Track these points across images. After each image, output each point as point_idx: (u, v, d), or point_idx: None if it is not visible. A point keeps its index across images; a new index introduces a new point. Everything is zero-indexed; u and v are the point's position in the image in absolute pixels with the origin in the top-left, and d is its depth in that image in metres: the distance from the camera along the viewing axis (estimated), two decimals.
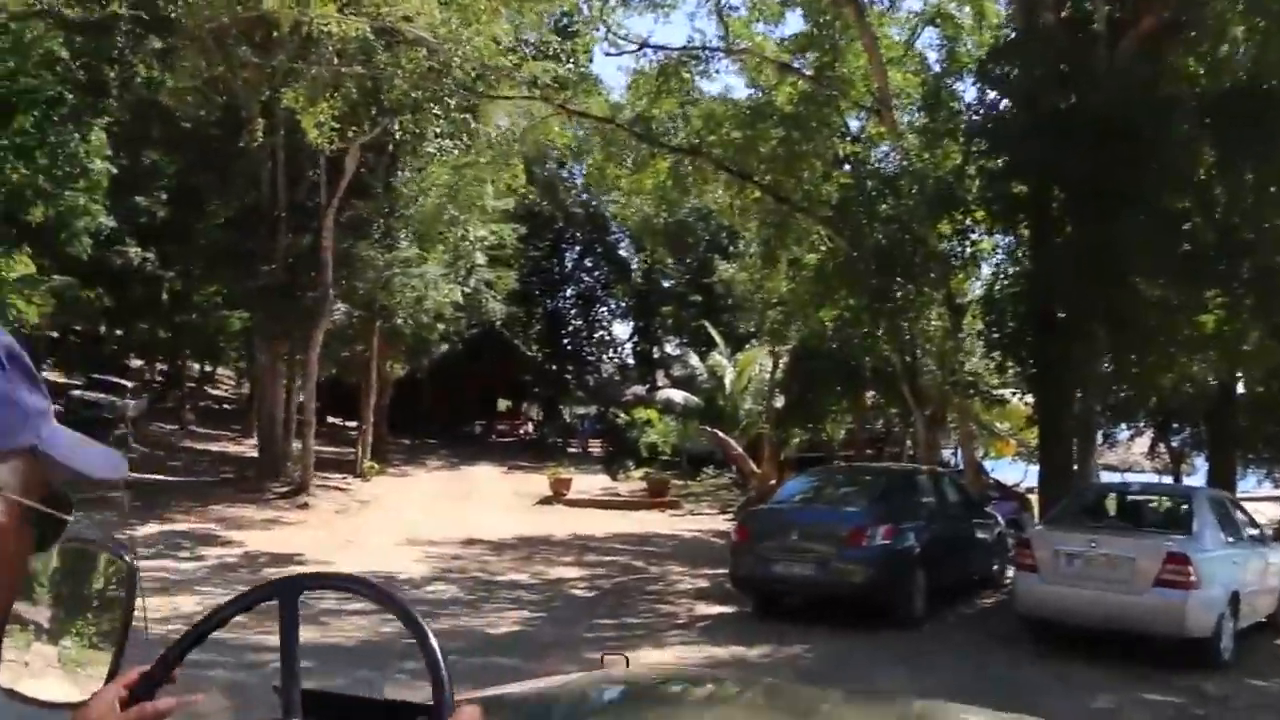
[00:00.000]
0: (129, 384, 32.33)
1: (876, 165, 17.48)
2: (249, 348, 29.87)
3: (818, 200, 17.70)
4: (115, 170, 22.96)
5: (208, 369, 46.95)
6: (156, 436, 30.63)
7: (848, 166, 18.32)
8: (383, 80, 16.53)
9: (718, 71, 37.69)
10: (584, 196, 46.57)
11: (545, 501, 24.84)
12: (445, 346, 49.36)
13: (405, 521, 19.14)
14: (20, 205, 21.56)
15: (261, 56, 17.30)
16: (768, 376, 30.07)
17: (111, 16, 18.49)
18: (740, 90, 24.72)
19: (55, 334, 48.44)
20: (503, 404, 56.86)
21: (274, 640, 1.19)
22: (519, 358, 50.17)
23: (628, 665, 2.33)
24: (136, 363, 44.43)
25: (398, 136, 19.56)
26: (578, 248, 48.35)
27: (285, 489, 20.92)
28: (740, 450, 25.23)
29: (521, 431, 48.33)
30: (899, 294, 15.71)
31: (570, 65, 19.64)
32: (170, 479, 22.36)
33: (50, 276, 24.76)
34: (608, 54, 20.93)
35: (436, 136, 20.51)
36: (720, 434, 25.70)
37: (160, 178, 26.88)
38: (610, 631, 10.76)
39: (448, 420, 48.04)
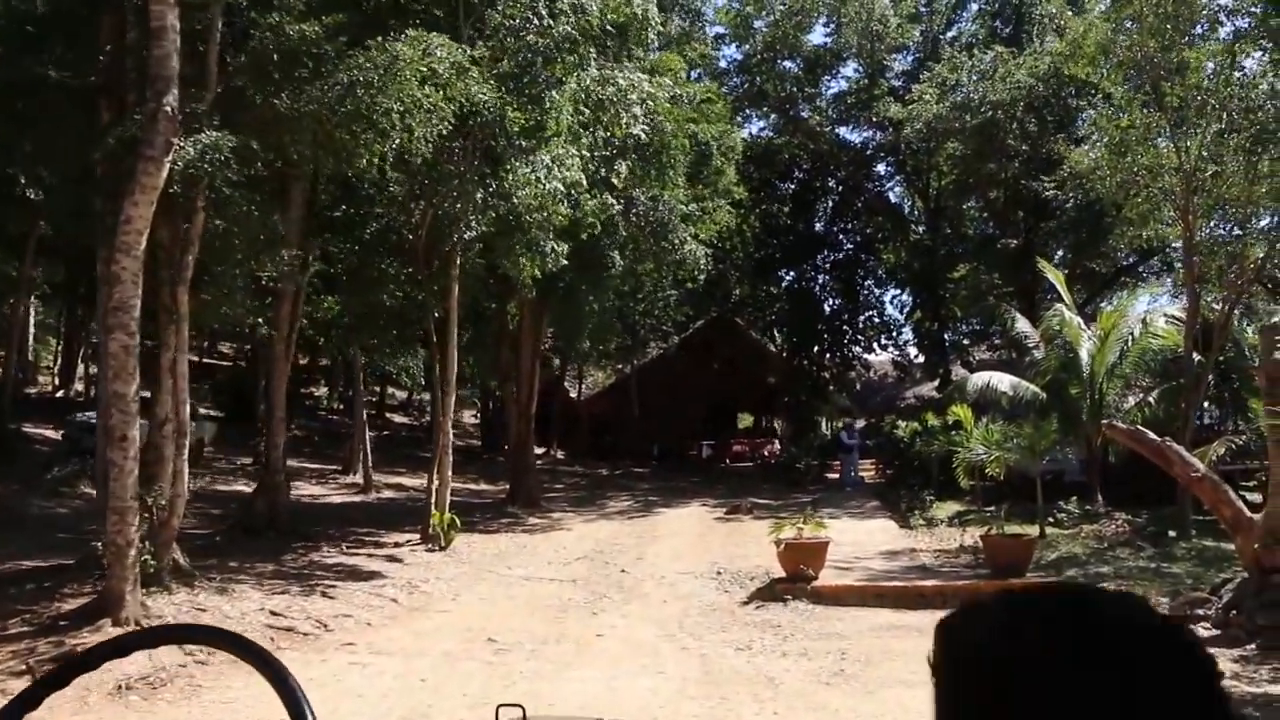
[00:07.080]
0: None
1: None
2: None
3: None
4: None
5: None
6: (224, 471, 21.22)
7: None
8: None
9: None
10: (836, 128, 33.67)
11: (771, 592, 12.34)
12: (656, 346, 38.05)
13: None
14: None
15: None
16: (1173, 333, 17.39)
17: None
18: None
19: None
20: (745, 419, 44.73)
21: None
22: (760, 354, 37.78)
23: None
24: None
25: None
26: (831, 200, 35.34)
27: (91, 597, 9.45)
28: (1201, 468, 11.17)
29: (766, 453, 35.66)
30: None
31: None
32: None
33: None
34: None
35: None
36: (1148, 433, 11.74)
37: None
38: None
39: (669, 440, 36.37)
